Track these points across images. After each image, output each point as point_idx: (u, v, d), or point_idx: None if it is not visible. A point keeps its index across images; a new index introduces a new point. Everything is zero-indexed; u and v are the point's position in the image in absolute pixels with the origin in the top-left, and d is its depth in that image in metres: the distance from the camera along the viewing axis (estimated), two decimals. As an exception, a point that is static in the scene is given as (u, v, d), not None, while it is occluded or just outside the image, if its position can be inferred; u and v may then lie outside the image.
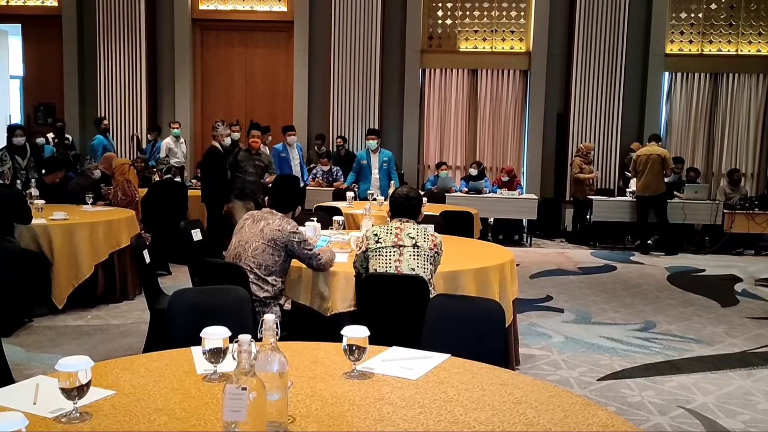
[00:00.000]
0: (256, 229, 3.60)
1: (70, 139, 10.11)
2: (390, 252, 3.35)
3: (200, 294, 2.97)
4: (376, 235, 3.41)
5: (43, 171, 7.16)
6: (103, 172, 7.13)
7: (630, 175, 10.11)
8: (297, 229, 3.63)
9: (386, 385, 2.02)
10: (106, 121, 10.14)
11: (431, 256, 3.38)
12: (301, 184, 8.13)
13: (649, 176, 9.10)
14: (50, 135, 9.93)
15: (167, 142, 9.97)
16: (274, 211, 3.68)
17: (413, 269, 3.32)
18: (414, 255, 3.34)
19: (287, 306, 3.69)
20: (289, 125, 8.74)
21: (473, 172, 9.80)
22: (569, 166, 10.32)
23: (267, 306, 3.55)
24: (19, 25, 11.43)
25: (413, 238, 3.37)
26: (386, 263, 3.34)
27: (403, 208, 3.51)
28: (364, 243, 3.45)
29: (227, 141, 7.11)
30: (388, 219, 3.60)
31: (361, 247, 3.47)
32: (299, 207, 3.89)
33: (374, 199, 7.29)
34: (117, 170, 7.09)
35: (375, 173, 8.34)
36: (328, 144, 10.67)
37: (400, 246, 3.35)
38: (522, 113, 11.20)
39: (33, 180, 6.77)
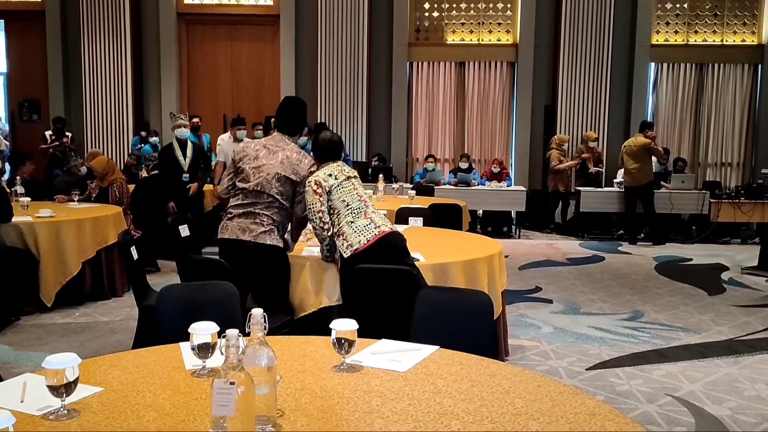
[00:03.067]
0: (276, 160, 3.71)
1: (70, 135, 9.99)
2: (348, 183, 3.60)
3: (188, 290, 2.96)
4: (330, 175, 3.58)
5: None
6: (89, 169, 7.04)
7: (568, 161, 10.22)
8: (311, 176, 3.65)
9: (375, 377, 2.03)
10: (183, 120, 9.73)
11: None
12: None
13: (634, 167, 9.14)
14: (48, 132, 9.83)
15: (226, 139, 8.33)
16: (285, 138, 3.80)
17: (364, 194, 3.68)
18: (360, 184, 3.69)
19: (287, 235, 3.84)
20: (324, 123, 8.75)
21: (463, 165, 9.81)
22: (548, 159, 10.25)
23: (277, 231, 3.70)
24: (2, 20, 11.29)
25: (347, 173, 3.65)
26: (349, 193, 3.57)
27: (331, 151, 3.69)
28: (324, 185, 3.52)
29: (179, 132, 7.01)
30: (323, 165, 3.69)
31: (321, 194, 3.51)
32: (305, 128, 4.01)
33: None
34: (108, 169, 6.67)
35: None
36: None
37: (351, 177, 3.64)
38: (509, 105, 11.22)
39: (18, 178, 6.71)
